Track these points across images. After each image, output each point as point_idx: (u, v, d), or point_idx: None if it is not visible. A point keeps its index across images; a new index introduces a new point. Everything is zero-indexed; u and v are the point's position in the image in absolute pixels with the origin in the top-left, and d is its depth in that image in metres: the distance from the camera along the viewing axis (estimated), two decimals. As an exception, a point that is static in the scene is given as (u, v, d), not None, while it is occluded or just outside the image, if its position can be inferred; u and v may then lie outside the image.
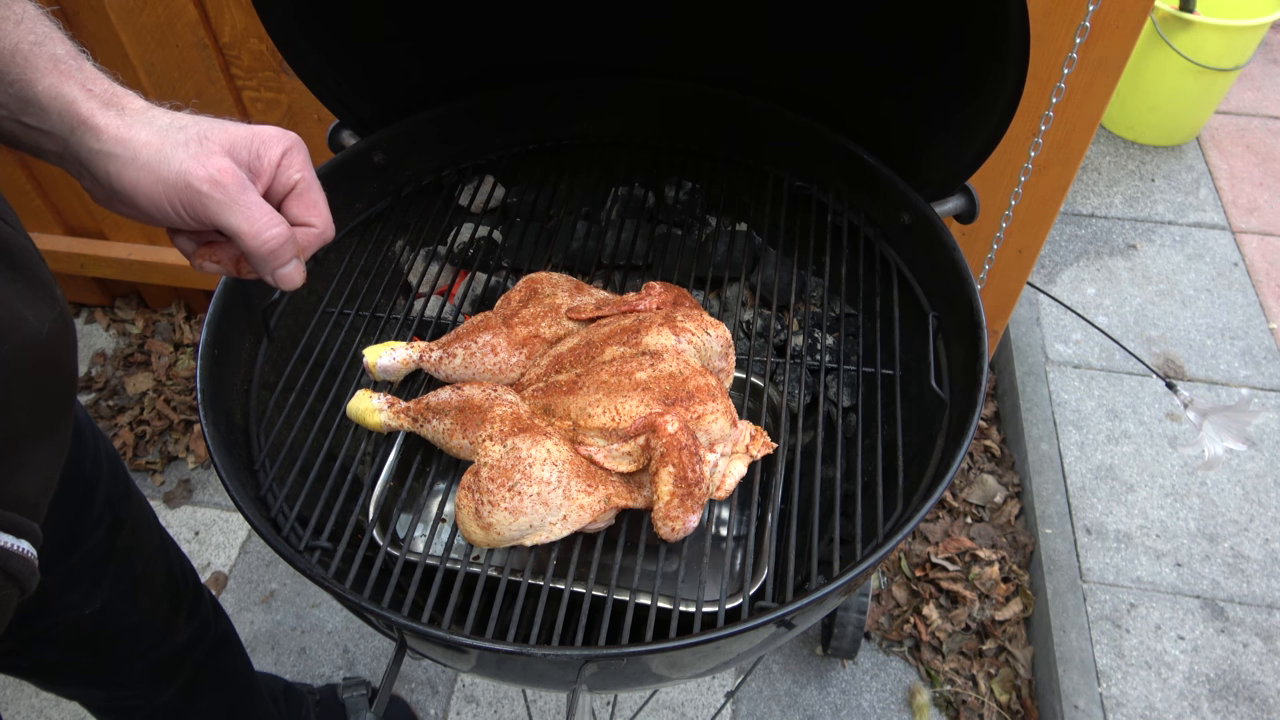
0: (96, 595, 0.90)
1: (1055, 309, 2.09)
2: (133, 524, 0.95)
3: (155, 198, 0.53)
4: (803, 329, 1.04)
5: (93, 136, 0.53)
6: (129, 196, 0.53)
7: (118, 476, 0.92)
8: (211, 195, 0.54)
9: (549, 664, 0.68)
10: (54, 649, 0.92)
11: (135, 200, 0.53)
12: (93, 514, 0.87)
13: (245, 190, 0.55)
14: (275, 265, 0.56)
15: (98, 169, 0.53)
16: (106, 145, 0.53)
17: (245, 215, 0.54)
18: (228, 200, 0.54)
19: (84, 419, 0.88)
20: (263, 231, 0.55)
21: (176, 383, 2.01)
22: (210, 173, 0.54)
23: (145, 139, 0.54)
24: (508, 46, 1.04)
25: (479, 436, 0.77)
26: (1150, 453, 1.83)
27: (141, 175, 0.53)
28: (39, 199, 1.85)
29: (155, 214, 0.54)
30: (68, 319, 0.56)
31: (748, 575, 0.76)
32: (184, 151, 0.54)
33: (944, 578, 1.66)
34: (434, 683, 1.57)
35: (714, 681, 1.58)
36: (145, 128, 0.54)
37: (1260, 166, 2.51)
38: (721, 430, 0.78)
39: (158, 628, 1.01)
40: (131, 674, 1.01)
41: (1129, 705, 1.49)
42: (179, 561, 1.06)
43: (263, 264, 0.56)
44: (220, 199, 0.54)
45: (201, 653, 1.08)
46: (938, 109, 0.90)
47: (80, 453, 0.86)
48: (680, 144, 1.13)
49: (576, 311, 0.89)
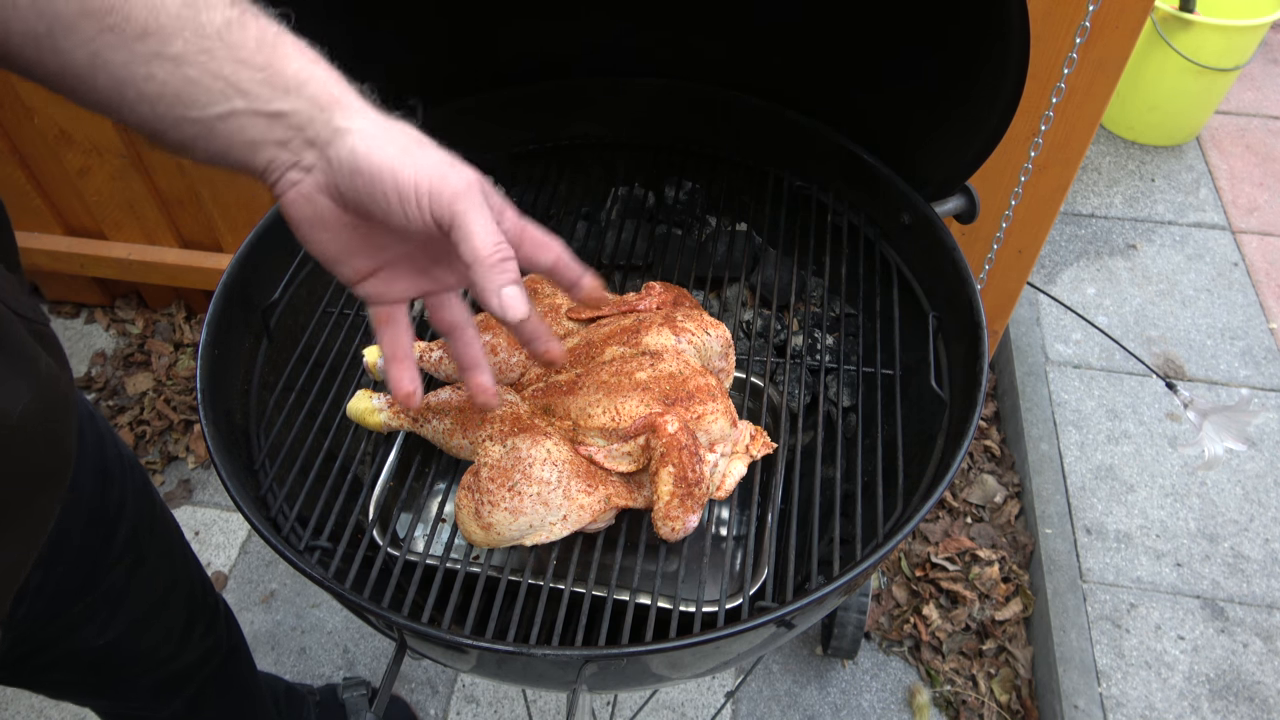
0: (111, 627, 0.88)
1: (1055, 309, 2.09)
2: (156, 555, 0.93)
3: (406, 180, 0.51)
4: (803, 329, 1.04)
5: (343, 116, 0.52)
6: (378, 174, 0.51)
7: (143, 507, 0.90)
8: (468, 192, 0.52)
9: (549, 664, 0.68)
10: (62, 672, 0.91)
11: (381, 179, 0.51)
12: (112, 554, 0.85)
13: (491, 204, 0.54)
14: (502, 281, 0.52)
15: (342, 148, 0.51)
16: (358, 124, 0.52)
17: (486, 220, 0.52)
18: (478, 202, 0.52)
19: (114, 456, 0.85)
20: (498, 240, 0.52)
21: (176, 383, 2.01)
22: (469, 172, 0.53)
23: (395, 129, 0.53)
24: (507, 46, 1.04)
25: (479, 436, 0.77)
26: (1150, 453, 1.83)
27: (398, 157, 0.51)
28: (39, 199, 1.85)
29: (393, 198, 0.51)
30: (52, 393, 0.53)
31: (748, 575, 0.76)
32: (436, 152, 0.53)
33: (944, 578, 1.66)
34: (434, 683, 1.57)
35: (714, 681, 1.58)
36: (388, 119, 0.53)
37: (1260, 166, 2.51)
38: (721, 430, 0.78)
39: (169, 649, 1.00)
40: (141, 689, 1.00)
41: (1129, 705, 1.49)
42: (200, 581, 1.04)
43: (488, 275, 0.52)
44: (473, 199, 0.52)
45: (212, 666, 1.07)
46: (938, 109, 0.90)
47: (106, 497, 0.83)
48: (680, 144, 1.13)
49: (576, 311, 0.89)
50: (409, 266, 0.60)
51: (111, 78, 0.48)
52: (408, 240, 0.59)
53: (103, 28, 0.46)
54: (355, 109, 0.53)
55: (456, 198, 0.52)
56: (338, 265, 0.58)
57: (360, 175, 0.51)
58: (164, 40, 0.48)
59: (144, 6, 0.47)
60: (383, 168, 0.51)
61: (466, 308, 0.64)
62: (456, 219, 0.52)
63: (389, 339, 0.62)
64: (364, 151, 0.51)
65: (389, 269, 0.60)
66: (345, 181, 0.52)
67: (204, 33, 0.49)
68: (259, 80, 0.50)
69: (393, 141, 0.52)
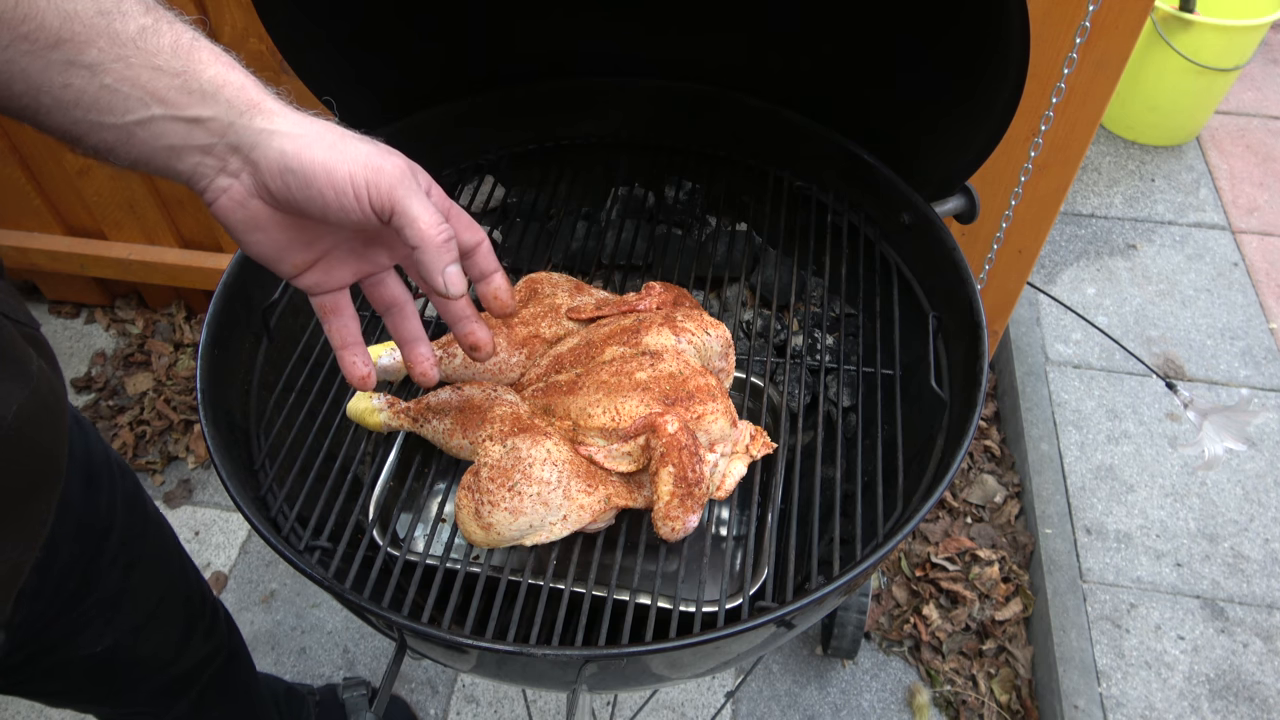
0: (109, 634, 0.88)
1: (1055, 309, 2.09)
2: (149, 561, 0.93)
3: (341, 176, 0.52)
4: (803, 329, 1.04)
5: (265, 119, 0.52)
6: (311, 174, 0.52)
7: (135, 514, 0.90)
8: (403, 179, 0.53)
9: (549, 664, 0.68)
10: (63, 680, 0.91)
11: (315, 178, 0.52)
12: (104, 560, 0.85)
13: (422, 186, 0.55)
14: (448, 260, 0.55)
15: (269, 150, 0.52)
16: (282, 126, 0.52)
17: (424, 204, 0.54)
18: (414, 188, 0.54)
19: (101, 460, 0.86)
20: (440, 221, 0.54)
21: (176, 383, 2.01)
22: (399, 159, 0.54)
23: (318, 126, 0.53)
24: (507, 46, 1.04)
25: (479, 436, 0.77)
26: (1150, 453, 1.83)
27: (329, 154, 0.52)
28: (39, 199, 1.85)
29: (329, 194, 0.52)
30: (45, 395, 0.53)
31: (748, 575, 0.76)
32: (363, 144, 0.54)
33: (944, 578, 1.66)
34: (434, 683, 1.57)
35: (714, 681, 1.58)
36: (309, 117, 0.54)
37: (1260, 166, 2.51)
38: (721, 430, 0.78)
39: (168, 655, 0.99)
40: (141, 695, 1.00)
41: (1129, 705, 1.49)
42: (197, 585, 1.04)
43: (436, 256, 0.54)
44: (410, 185, 0.53)
45: (212, 670, 1.07)
46: (938, 109, 0.90)
47: (94, 502, 0.83)
48: (680, 144, 1.13)
49: (576, 311, 0.89)
50: (345, 253, 0.61)
51: (27, 85, 0.48)
52: (341, 230, 0.60)
53: (16, 36, 0.46)
54: (275, 111, 0.53)
55: (394, 187, 0.53)
56: (276, 263, 0.59)
57: (293, 175, 0.52)
58: (79, 48, 0.48)
59: (57, 15, 0.47)
60: (315, 166, 0.51)
61: (402, 284, 0.66)
62: (397, 206, 0.53)
63: (337, 328, 0.63)
64: (293, 152, 0.52)
65: (326, 259, 0.61)
66: (276, 183, 0.53)
67: (119, 40, 0.49)
68: (175, 86, 0.50)
69: (320, 139, 0.52)
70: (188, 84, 0.51)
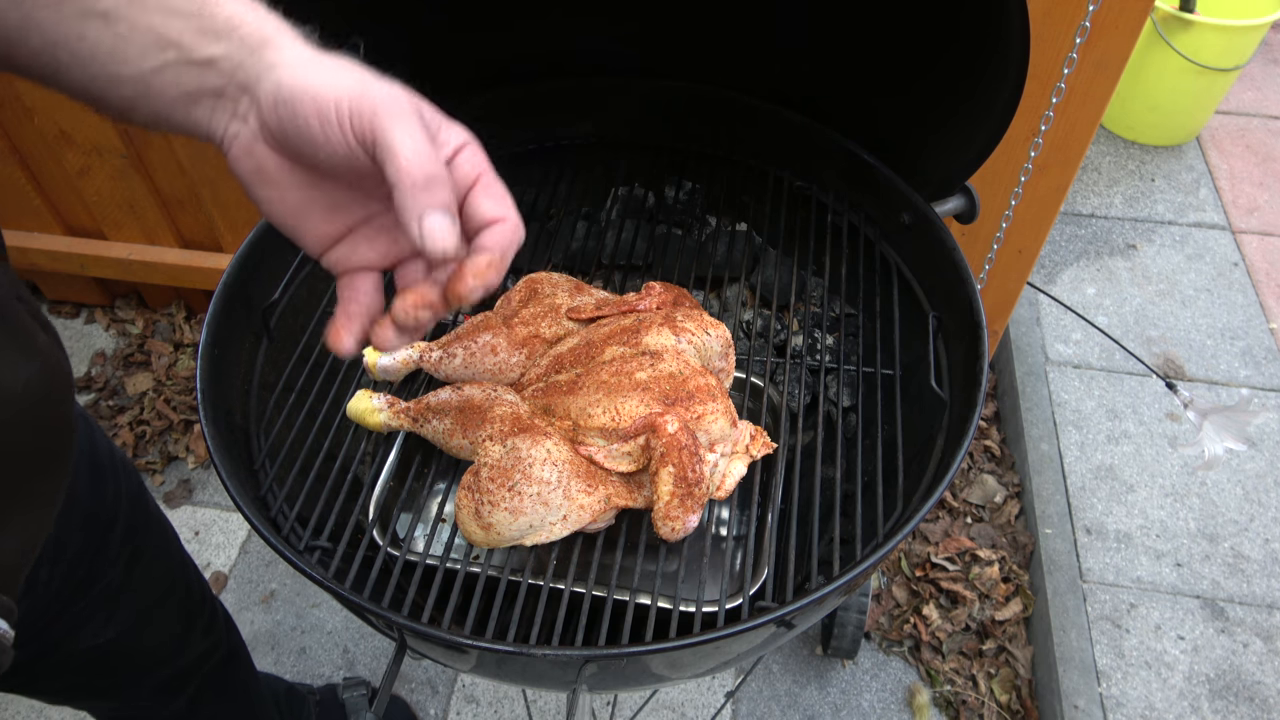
0: (111, 625, 0.88)
1: (1055, 309, 2.09)
2: (151, 553, 0.93)
3: (326, 101, 0.46)
4: (803, 329, 1.04)
5: (274, 51, 0.48)
6: (298, 101, 0.47)
7: (138, 507, 0.90)
8: (392, 104, 0.47)
9: (549, 664, 0.68)
10: (63, 677, 0.91)
11: (302, 105, 0.47)
12: (109, 552, 0.85)
13: (419, 119, 0.48)
14: (426, 202, 0.46)
15: (267, 82, 0.48)
16: (288, 57, 0.48)
17: (415, 134, 0.47)
18: (403, 114, 0.47)
19: (105, 453, 0.86)
20: (422, 153, 0.46)
21: (176, 383, 2.01)
22: (393, 89, 0.48)
23: (326, 59, 0.49)
24: (507, 46, 1.04)
25: (479, 436, 0.77)
26: (1150, 453, 1.83)
27: (320, 80, 0.47)
28: (39, 199, 1.85)
29: (314, 122, 0.47)
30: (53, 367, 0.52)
31: (748, 575, 0.76)
32: (356, 76, 0.48)
33: (944, 578, 1.66)
34: (434, 683, 1.57)
35: (714, 681, 1.58)
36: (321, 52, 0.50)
37: (1260, 166, 2.51)
38: (721, 430, 0.78)
39: (170, 648, 1.00)
40: (141, 691, 1.01)
41: (1129, 705, 1.49)
42: (197, 582, 1.05)
43: (410, 196, 0.46)
44: (398, 111, 0.47)
45: (211, 667, 1.08)
46: (938, 109, 0.90)
47: (100, 493, 0.84)
48: (680, 144, 1.13)
49: (576, 311, 0.89)
50: (374, 230, 0.54)
51: (44, 39, 0.46)
52: (369, 199, 0.53)
53: None
54: (286, 45, 0.49)
55: (376, 111, 0.46)
56: (297, 231, 0.53)
57: (284, 105, 0.47)
58: None
59: None
60: (304, 92, 0.47)
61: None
62: (379, 135, 0.46)
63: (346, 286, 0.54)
64: (288, 81, 0.47)
65: (353, 235, 0.54)
66: (272, 117, 0.48)
67: None
68: (190, 29, 0.48)
69: (320, 66, 0.48)
70: (202, 25, 0.48)
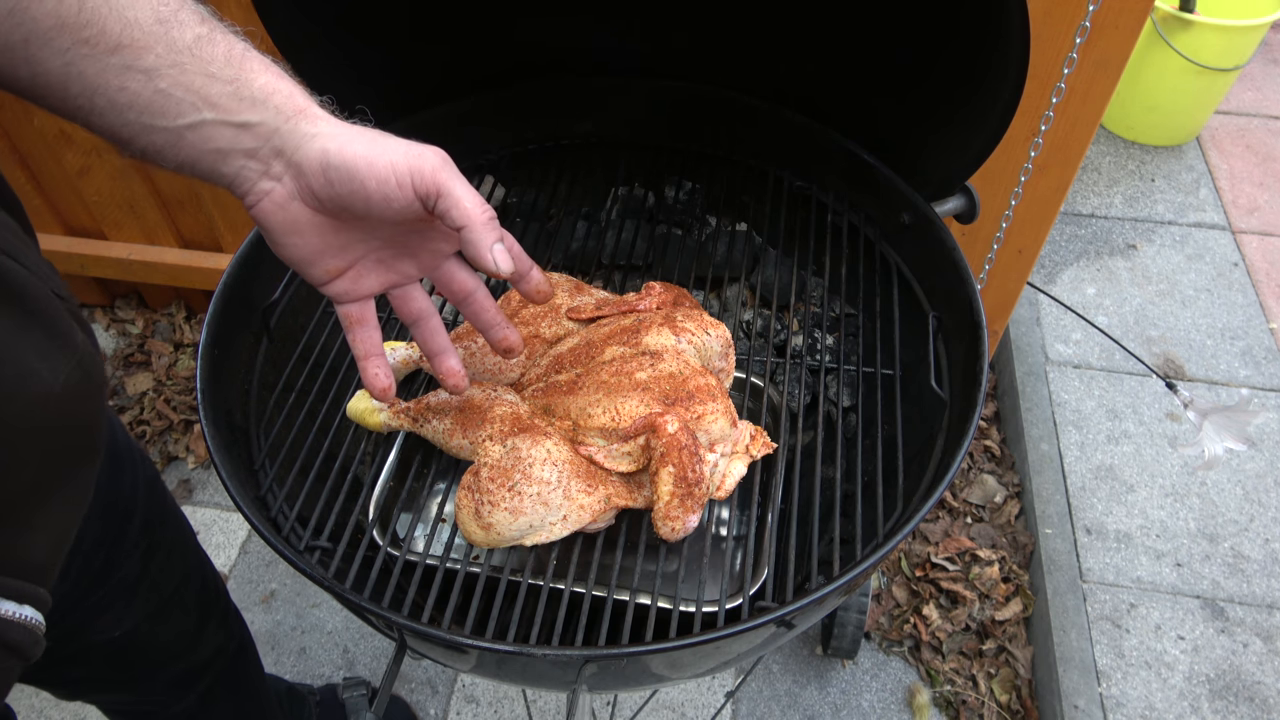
0: (128, 618, 0.89)
1: (1055, 309, 2.09)
2: (168, 547, 0.94)
3: (383, 166, 0.55)
4: (803, 329, 1.04)
5: (309, 123, 0.56)
6: (353, 167, 0.55)
7: (155, 499, 0.91)
8: (445, 164, 0.57)
9: (549, 664, 0.68)
10: (80, 668, 0.92)
11: (357, 171, 0.55)
12: (127, 543, 0.86)
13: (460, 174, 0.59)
14: (494, 237, 0.58)
15: (311, 150, 0.55)
16: (325, 129, 0.56)
17: (468, 186, 0.57)
18: (457, 172, 0.57)
19: (124, 444, 0.87)
20: (483, 201, 0.57)
21: (176, 383, 2.01)
22: (435, 150, 0.57)
23: (357, 128, 0.57)
24: (507, 46, 1.04)
25: (479, 436, 0.77)
26: (1150, 453, 1.83)
27: (369, 148, 0.55)
28: (39, 199, 1.85)
29: (372, 185, 0.55)
30: (89, 365, 0.55)
31: (748, 575, 0.76)
32: (400, 140, 0.57)
33: (944, 578, 1.66)
34: (434, 683, 1.57)
35: (714, 681, 1.58)
36: (348, 122, 0.58)
37: (1260, 166, 2.51)
38: (721, 430, 0.78)
39: (185, 642, 1.01)
40: (155, 685, 1.01)
41: (1129, 705, 1.49)
42: (212, 577, 1.06)
43: (483, 234, 0.57)
44: (452, 170, 0.57)
45: (223, 662, 1.08)
46: (938, 109, 0.90)
47: (118, 483, 0.85)
48: (680, 144, 1.13)
49: (576, 311, 0.89)
50: (374, 262, 0.64)
51: (84, 86, 0.50)
52: (374, 237, 0.63)
53: (78, 40, 0.48)
54: (319, 116, 0.56)
55: (437, 170, 0.56)
56: (310, 267, 0.62)
57: (334, 170, 0.55)
58: (137, 54, 0.50)
59: (118, 22, 0.49)
60: (357, 159, 0.55)
61: (428, 297, 0.68)
62: (442, 188, 0.56)
63: (361, 338, 0.66)
64: (335, 149, 0.55)
65: (356, 268, 0.64)
66: (318, 181, 0.56)
67: (175, 47, 0.51)
68: (228, 93, 0.53)
69: (360, 136, 0.56)
70: (239, 91, 0.54)
